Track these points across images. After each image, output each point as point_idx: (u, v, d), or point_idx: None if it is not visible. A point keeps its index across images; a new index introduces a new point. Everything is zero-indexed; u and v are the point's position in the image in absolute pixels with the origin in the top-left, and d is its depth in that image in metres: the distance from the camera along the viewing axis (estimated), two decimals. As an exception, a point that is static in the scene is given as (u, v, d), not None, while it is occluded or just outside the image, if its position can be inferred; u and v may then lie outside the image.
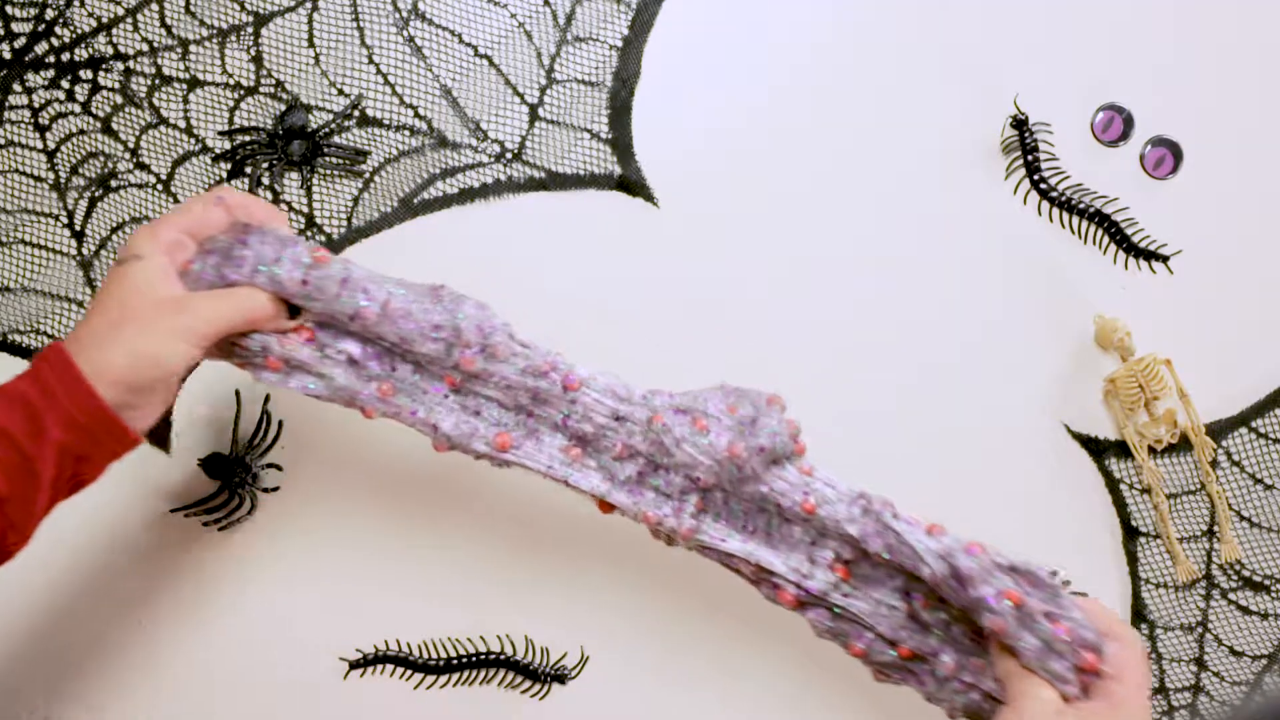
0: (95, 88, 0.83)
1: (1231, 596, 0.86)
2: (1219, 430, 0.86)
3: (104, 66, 0.83)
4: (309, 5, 0.84)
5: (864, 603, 0.65)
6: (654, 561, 0.82)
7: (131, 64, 0.83)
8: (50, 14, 0.83)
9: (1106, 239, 0.87)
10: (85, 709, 0.81)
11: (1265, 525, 0.86)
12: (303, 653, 0.82)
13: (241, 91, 0.84)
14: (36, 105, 0.83)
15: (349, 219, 0.84)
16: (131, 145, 0.83)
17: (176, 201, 0.84)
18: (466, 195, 0.85)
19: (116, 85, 0.83)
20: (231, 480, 0.82)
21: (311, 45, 0.84)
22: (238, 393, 0.83)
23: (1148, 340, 0.85)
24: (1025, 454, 0.86)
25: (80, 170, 0.83)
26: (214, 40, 0.84)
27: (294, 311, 0.68)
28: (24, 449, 0.57)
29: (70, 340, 0.60)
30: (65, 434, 0.57)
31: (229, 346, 0.67)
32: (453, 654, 0.81)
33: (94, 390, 0.58)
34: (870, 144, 0.87)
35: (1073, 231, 0.87)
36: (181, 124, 0.84)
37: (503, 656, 0.81)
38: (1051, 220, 0.87)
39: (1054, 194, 0.87)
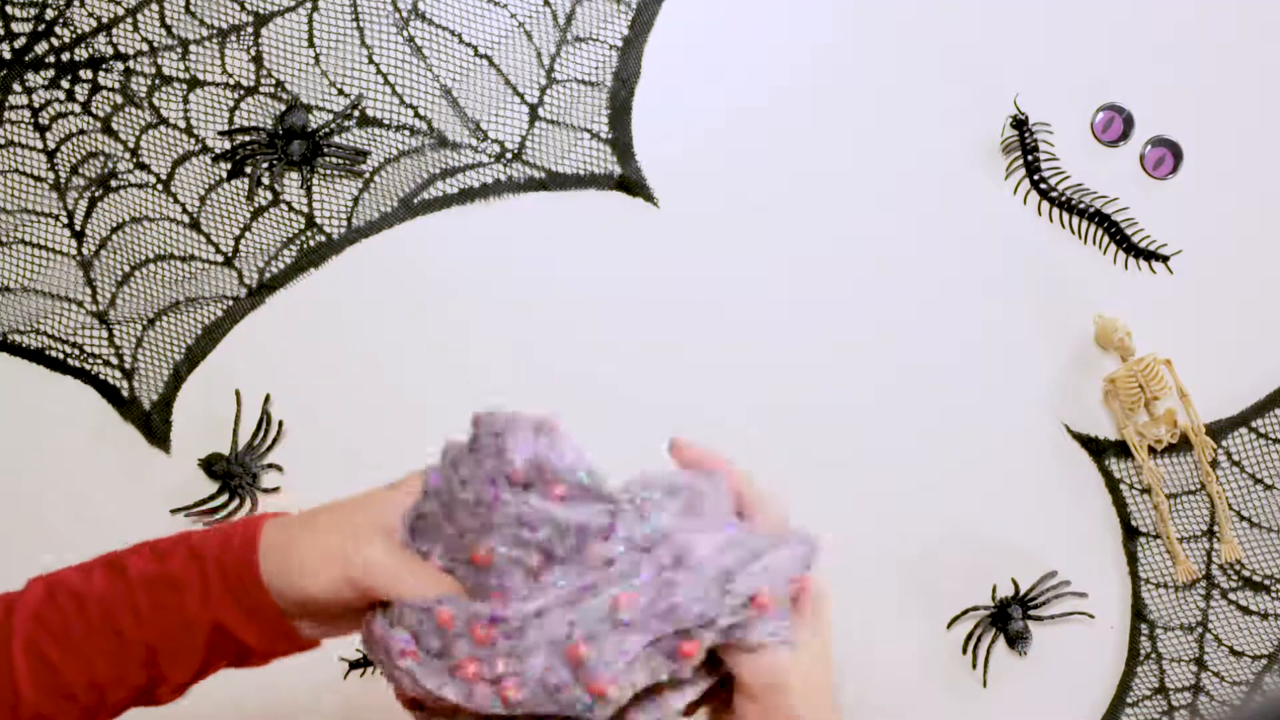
0: (95, 88, 0.83)
1: (1231, 596, 0.86)
2: (1219, 430, 0.86)
3: (104, 66, 0.83)
4: (309, 5, 0.84)
5: None
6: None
7: (131, 64, 0.83)
8: (50, 14, 0.83)
9: (1106, 239, 0.87)
10: (85, 709, 0.81)
11: (1265, 525, 0.86)
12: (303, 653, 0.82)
13: (241, 91, 0.84)
14: (36, 105, 0.83)
15: (349, 219, 0.84)
16: (131, 145, 0.83)
17: (176, 201, 0.84)
18: (466, 195, 0.85)
19: (116, 85, 0.83)
20: (231, 480, 0.82)
21: (311, 45, 0.84)
22: (238, 393, 0.83)
23: (1148, 340, 0.85)
24: (1025, 454, 0.86)
25: (80, 170, 0.83)
26: (214, 40, 0.84)
27: None
28: (188, 611, 0.52)
29: (275, 523, 0.54)
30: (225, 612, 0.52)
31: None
32: (453, 654, 0.81)
33: (261, 581, 0.52)
34: (870, 144, 0.87)
35: (1073, 231, 0.87)
36: (181, 124, 0.84)
37: (503, 656, 0.81)
38: (1051, 220, 0.87)
39: (1054, 194, 0.87)
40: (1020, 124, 0.86)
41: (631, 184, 0.86)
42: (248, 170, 0.84)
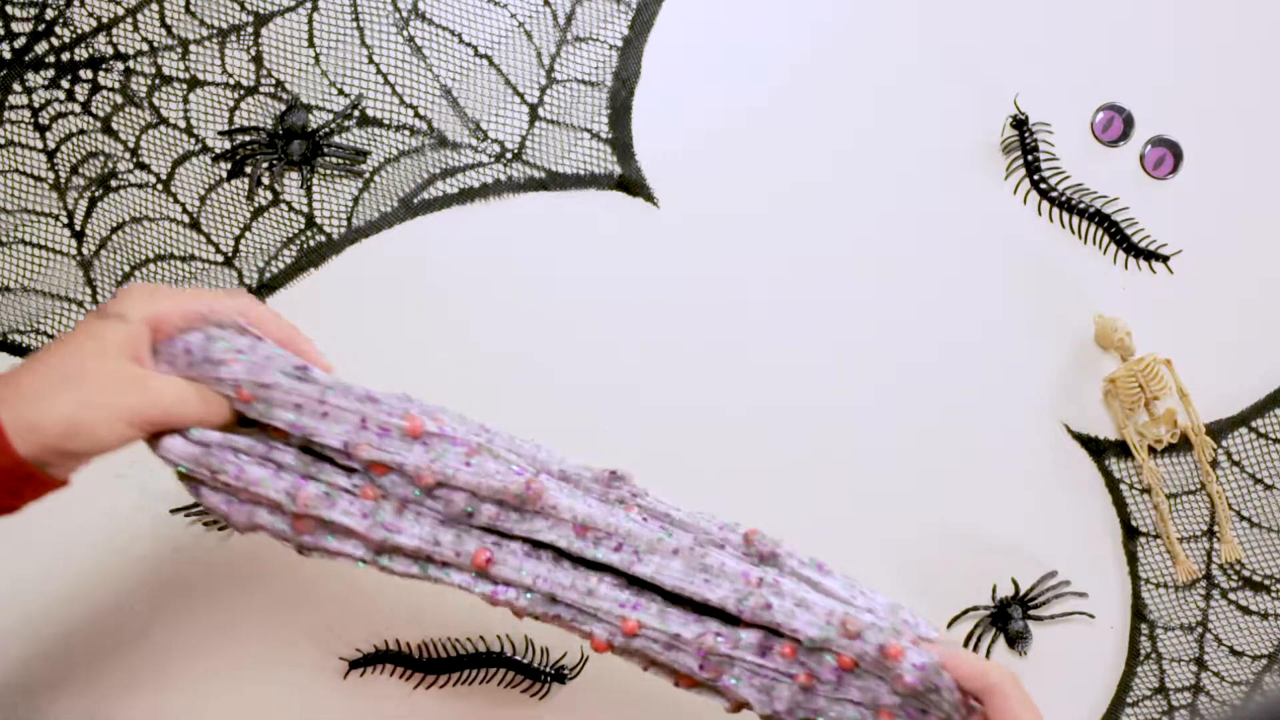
0: (95, 88, 0.83)
1: (1231, 596, 0.86)
2: (1219, 430, 0.86)
3: (104, 66, 0.83)
4: (309, 5, 0.84)
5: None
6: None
7: (131, 64, 0.83)
8: (50, 14, 0.83)
9: (1106, 239, 0.87)
10: (84, 710, 0.81)
11: (1265, 525, 0.86)
12: (303, 653, 0.82)
13: (241, 91, 0.84)
14: (36, 105, 0.83)
15: (349, 219, 0.84)
16: (131, 145, 0.83)
17: (176, 201, 0.84)
18: (466, 195, 0.85)
19: (116, 85, 0.83)
20: (231, 480, 0.82)
21: (311, 45, 0.84)
22: (238, 393, 0.83)
23: (1148, 340, 0.85)
24: (1025, 454, 0.86)
25: (80, 170, 0.83)
26: (214, 40, 0.84)
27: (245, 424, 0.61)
28: None
29: (8, 384, 0.55)
30: None
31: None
32: (453, 654, 0.81)
33: (11, 448, 0.54)
34: (870, 144, 0.87)
35: (1073, 231, 0.87)
36: (181, 124, 0.84)
37: (503, 656, 0.81)
38: (1051, 220, 0.87)
39: (1054, 194, 0.87)
40: (1020, 124, 0.86)
41: (631, 184, 0.86)
42: (248, 170, 0.84)
